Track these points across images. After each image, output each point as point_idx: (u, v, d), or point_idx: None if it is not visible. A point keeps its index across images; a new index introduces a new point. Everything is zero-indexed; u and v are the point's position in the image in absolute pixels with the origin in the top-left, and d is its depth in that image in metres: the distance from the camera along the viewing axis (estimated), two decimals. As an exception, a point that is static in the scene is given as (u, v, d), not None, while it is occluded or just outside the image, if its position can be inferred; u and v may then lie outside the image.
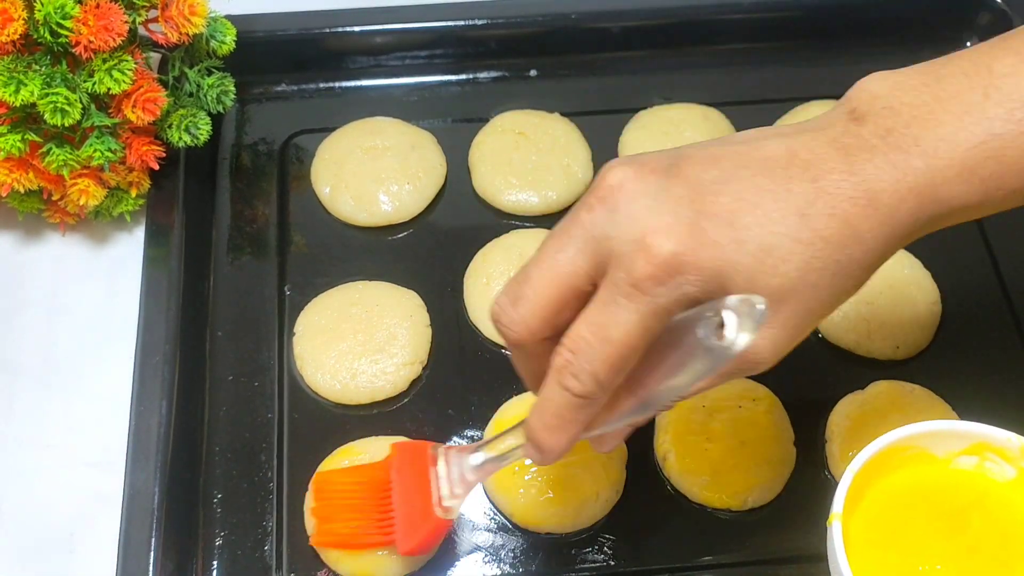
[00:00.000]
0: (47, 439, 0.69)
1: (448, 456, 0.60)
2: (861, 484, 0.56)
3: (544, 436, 0.50)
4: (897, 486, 0.57)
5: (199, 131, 0.73)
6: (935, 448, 0.58)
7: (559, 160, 0.79)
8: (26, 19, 0.65)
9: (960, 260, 0.77)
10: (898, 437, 0.56)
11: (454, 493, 0.59)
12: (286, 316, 0.73)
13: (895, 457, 0.57)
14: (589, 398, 0.47)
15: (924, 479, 0.58)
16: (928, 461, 0.58)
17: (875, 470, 0.56)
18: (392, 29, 0.84)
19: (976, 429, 0.57)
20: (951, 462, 0.58)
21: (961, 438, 0.57)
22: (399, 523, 0.60)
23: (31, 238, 0.77)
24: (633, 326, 0.45)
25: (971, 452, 0.57)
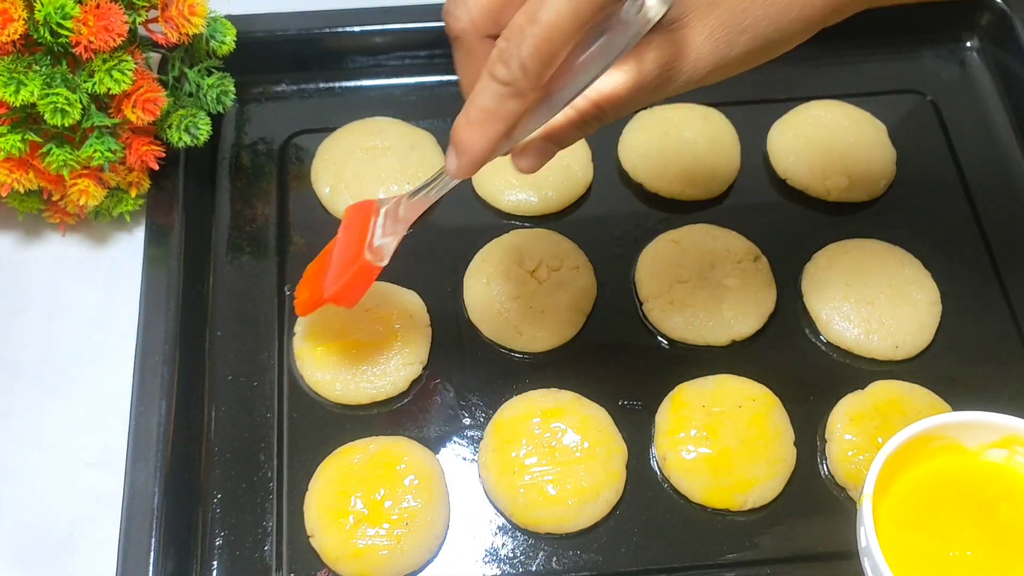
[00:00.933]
0: (47, 439, 0.69)
1: (387, 203, 0.62)
2: (892, 470, 0.56)
3: (467, 133, 0.49)
4: (927, 475, 0.57)
5: (199, 131, 0.73)
6: (966, 440, 0.58)
7: (559, 160, 0.78)
8: (26, 19, 0.65)
9: (960, 260, 0.77)
10: (931, 425, 0.56)
11: (386, 233, 0.61)
12: (286, 316, 0.73)
13: (926, 446, 0.57)
14: (514, 86, 0.46)
15: (954, 469, 0.58)
16: (958, 452, 0.58)
17: (906, 457, 0.56)
18: (392, 29, 0.84)
19: (1008, 422, 0.57)
20: (981, 454, 0.58)
21: (993, 430, 0.57)
22: (331, 272, 0.62)
23: (31, 238, 0.77)
24: (564, 6, 0.44)
25: (1002, 445, 0.57)
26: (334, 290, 0.62)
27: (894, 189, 0.80)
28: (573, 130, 0.52)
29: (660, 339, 0.73)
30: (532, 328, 0.72)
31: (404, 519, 0.64)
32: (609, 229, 0.78)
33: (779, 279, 0.75)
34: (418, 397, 0.70)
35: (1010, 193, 0.81)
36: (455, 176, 0.53)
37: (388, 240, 0.62)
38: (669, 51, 0.47)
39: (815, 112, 0.82)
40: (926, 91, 0.85)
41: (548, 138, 0.53)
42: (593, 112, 0.51)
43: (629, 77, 0.49)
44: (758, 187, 0.81)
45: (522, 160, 0.54)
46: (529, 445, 0.66)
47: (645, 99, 0.50)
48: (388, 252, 0.62)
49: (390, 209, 0.62)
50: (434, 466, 0.67)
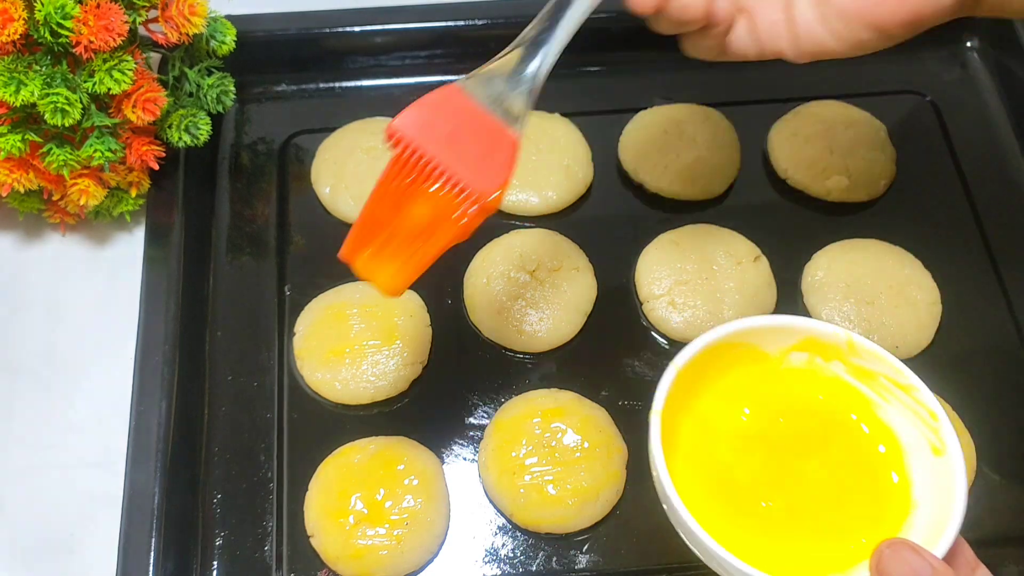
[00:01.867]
0: (47, 439, 0.69)
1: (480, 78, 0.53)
2: (691, 383, 0.55)
3: None
4: (732, 388, 0.57)
5: (199, 131, 0.73)
6: (767, 346, 0.57)
7: (559, 160, 0.79)
8: (26, 19, 0.65)
9: (960, 260, 0.77)
10: (727, 332, 0.55)
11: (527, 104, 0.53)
12: (286, 316, 0.73)
13: (726, 355, 0.56)
14: None
15: (757, 380, 0.57)
16: (760, 359, 0.57)
17: (706, 367, 0.55)
18: (392, 29, 0.84)
19: (802, 324, 0.56)
20: (783, 360, 0.57)
21: (790, 334, 0.56)
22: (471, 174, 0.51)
23: (31, 238, 0.77)
24: None
25: (801, 348, 0.57)
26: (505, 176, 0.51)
27: (894, 189, 0.80)
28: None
29: (660, 339, 0.73)
30: (532, 328, 0.72)
31: (404, 519, 0.64)
32: (609, 229, 0.78)
33: (779, 279, 0.75)
34: (418, 397, 0.70)
35: (1010, 193, 0.81)
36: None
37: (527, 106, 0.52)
38: None
39: (815, 112, 0.82)
40: (926, 91, 0.85)
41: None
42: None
43: None
44: (758, 187, 0.81)
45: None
46: (529, 445, 0.66)
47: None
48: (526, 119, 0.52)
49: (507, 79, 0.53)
50: (434, 466, 0.67)
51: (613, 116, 0.83)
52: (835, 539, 0.52)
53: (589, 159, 0.80)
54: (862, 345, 0.55)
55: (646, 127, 0.81)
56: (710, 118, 0.82)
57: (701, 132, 0.81)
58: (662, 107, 0.83)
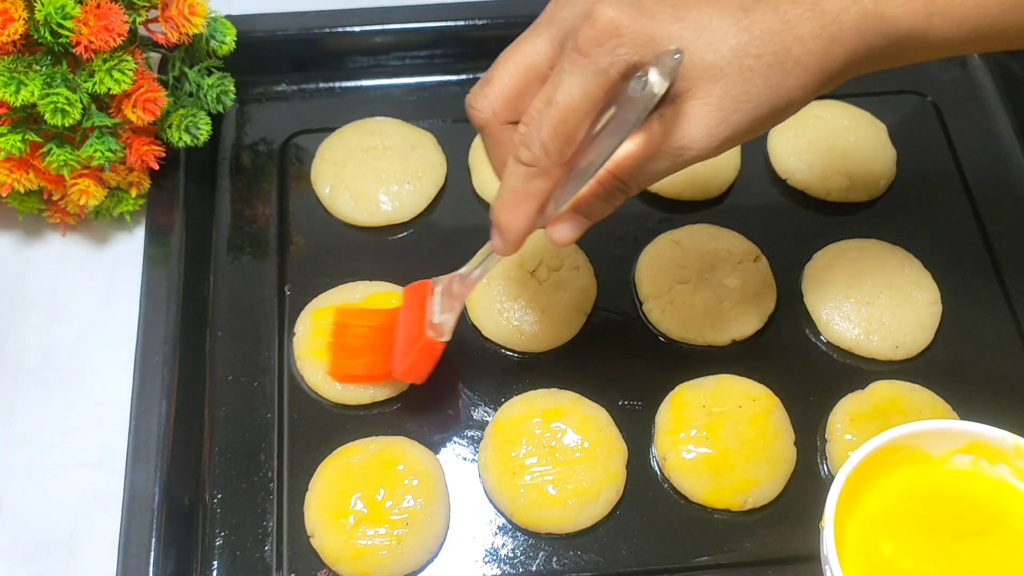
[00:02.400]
0: (47, 439, 0.69)
1: (439, 282, 0.66)
2: (856, 485, 0.56)
3: (503, 215, 0.53)
4: (893, 487, 0.57)
5: (199, 131, 0.73)
6: (930, 448, 0.58)
7: (559, 160, 0.79)
8: (26, 19, 0.65)
9: (960, 260, 0.77)
10: (891, 438, 0.56)
11: (444, 309, 0.64)
12: (286, 316, 0.73)
13: (890, 457, 0.57)
14: (538, 165, 0.50)
15: (919, 480, 0.58)
16: (923, 461, 0.58)
17: (870, 471, 0.56)
18: (392, 29, 0.84)
19: (970, 428, 0.57)
20: (946, 462, 0.58)
21: (955, 437, 0.57)
22: (397, 351, 0.66)
23: (31, 238, 0.77)
24: (576, 90, 0.48)
25: (966, 451, 0.57)
26: (402, 368, 0.66)
27: (894, 189, 0.80)
28: (599, 201, 0.55)
29: (660, 339, 0.73)
30: (532, 328, 0.72)
31: (404, 519, 0.64)
32: (609, 229, 0.78)
33: (779, 279, 0.75)
34: (418, 397, 0.70)
35: (1010, 193, 0.81)
36: (502, 254, 0.57)
37: (447, 317, 0.65)
38: (677, 122, 0.50)
39: (815, 112, 0.82)
40: (926, 91, 0.85)
41: (577, 210, 0.56)
42: (613, 183, 0.54)
43: (641, 148, 0.51)
44: (758, 187, 0.81)
45: (556, 232, 0.56)
46: (529, 445, 0.66)
47: (662, 169, 0.52)
48: (448, 328, 0.65)
49: (445, 287, 0.65)
50: (434, 466, 0.67)
51: (613, 116, 0.83)
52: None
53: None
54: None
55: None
56: (710, 118, 0.82)
57: (701, 132, 0.81)
58: (662, 107, 0.83)
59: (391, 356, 0.67)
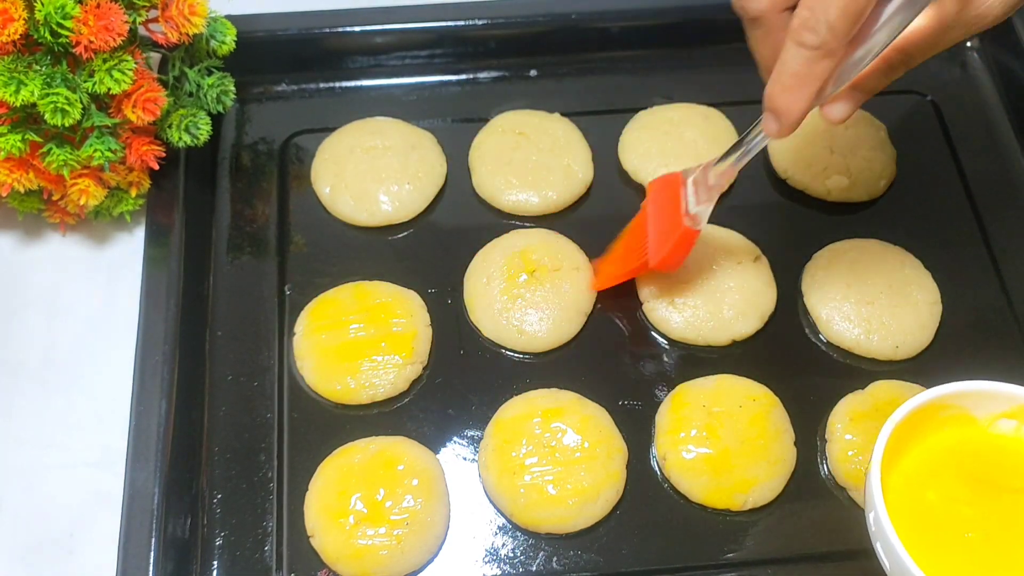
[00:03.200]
0: (47, 439, 0.69)
1: (693, 172, 0.67)
2: (900, 441, 0.56)
3: (783, 99, 0.53)
4: (937, 446, 0.58)
5: (199, 131, 0.73)
6: (975, 410, 0.58)
7: (559, 160, 0.79)
8: (26, 19, 0.65)
9: (960, 260, 0.77)
10: (940, 394, 0.56)
11: (700, 200, 0.65)
12: (286, 316, 0.73)
13: (934, 417, 0.57)
14: (824, 49, 0.50)
15: (963, 440, 0.58)
16: (967, 423, 0.58)
17: (914, 428, 0.56)
18: (392, 29, 0.84)
19: (1018, 392, 0.57)
20: (990, 425, 0.58)
21: (1002, 400, 0.57)
22: (651, 243, 0.68)
23: (31, 238, 0.77)
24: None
25: (1011, 416, 0.57)
26: (659, 258, 0.68)
27: (894, 189, 0.80)
28: (879, 76, 0.56)
29: (660, 339, 0.73)
30: (532, 328, 0.72)
31: (404, 519, 0.64)
32: (609, 229, 0.78)
33: (779, 279, 0.75)
34: (418, 397, 0.70)
35: (1010, 193, 0.81)
36: (777, 137, 0.57)
37: (703, 208, 0.66)
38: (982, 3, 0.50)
39: (815, 112, 0.82)
40: (926, 91, 0.85)
41: (856, 87, 0.56)
42: (899, 58, 0.55)
43: (933, 21, 0.52)
44: (758, 187, 0.81)
45: (833, 111, 0.57)
46: (529, 445, 0.66)
47: (952, 39, 0.53)
48: (704, 218, 0.67)
49: (698, 178, 0.66)
50: (434, 466, 0.67)
51: (613, 116, 0.83)
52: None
53: (589, 159, 0.80)
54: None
55: (646, 127, 0.81)
56: (710, 118, 0.82)
57: (701, 132, 0.81)
58: (662, 107, 0.83)
59: (644, 251, 0.69)
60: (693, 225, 0.66)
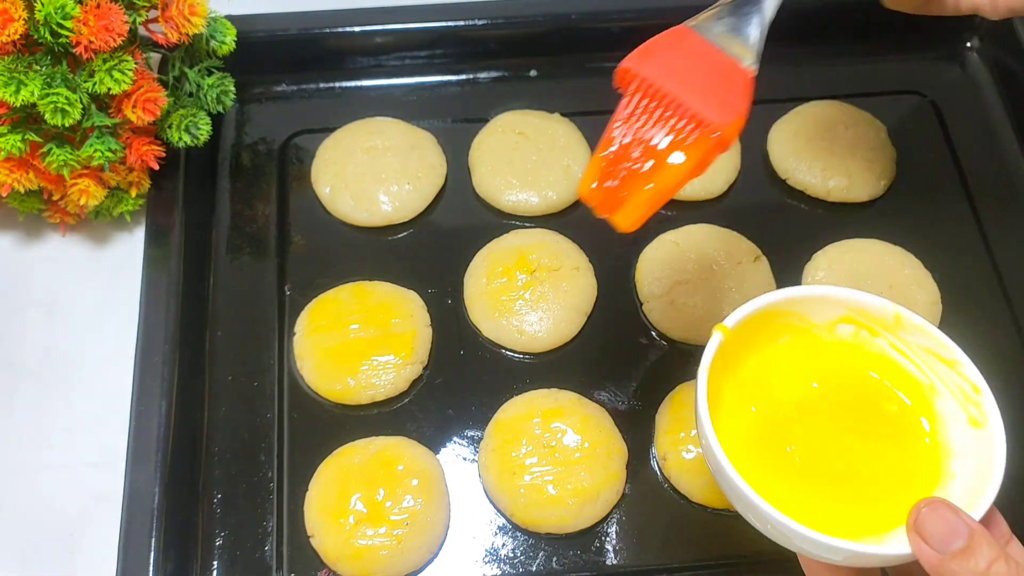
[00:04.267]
0: (47, 439, 0.69)
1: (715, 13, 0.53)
2: (738, 347, 0.55)
3: None
4: (775, 353, 0.57)
5: (199, 131, 0.73)
6: (814, 316, 0.57)
7: (559, 160, 0.79)
8: (26, 19, 0.65)
9: (960, 260, 0.77)
10: (774, 300, 0.55)
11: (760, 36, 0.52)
12: (286, 316, 0.73)
13: (773, 323, 0.56)
14: None
15: (801, 346, 0.57)
16: (806, 329, 0.57)
17: (753, 335, 0.56)
18: (392, 29, 0.84)
19: (850, 295, 0.56)
20: (829, 331, 0.57)
21: (838, 305, 0.57)
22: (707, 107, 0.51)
23: (31, 238, 0.77)
24: None
25: (848, 320, 0.57)
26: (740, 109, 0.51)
27: (894, 189, 0.80)
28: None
29: (660, 339, 0.73)
30: (532, 328, 0.72)
31: (404, 519, 0.64)
32: (609, 229, 0.77)
33: (779, 279, 0.75)
34: (418, 397, 0.70)
35: (1010, 193, 0.81)
36: None
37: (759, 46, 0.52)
38: None
39: (815, 112, 0.82)
40: (926, 91, 0.85)
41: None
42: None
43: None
44: (758, 187, 0.81)
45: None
46: (529, 445, 0.66)
47: None
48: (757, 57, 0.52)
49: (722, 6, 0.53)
50: (434, 466, 0.67)
51: (613, 116, 0.83)
52: (871, 503, 0.53)
53: (589, 159, 0.80)
54: (909, 319, 0.56)
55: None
56: (710, 118, 0.82)
57: (701, 132, 0.81)
58: (662, 107, 0.83)
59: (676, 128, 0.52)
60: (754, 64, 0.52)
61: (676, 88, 0.51)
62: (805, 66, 0.86)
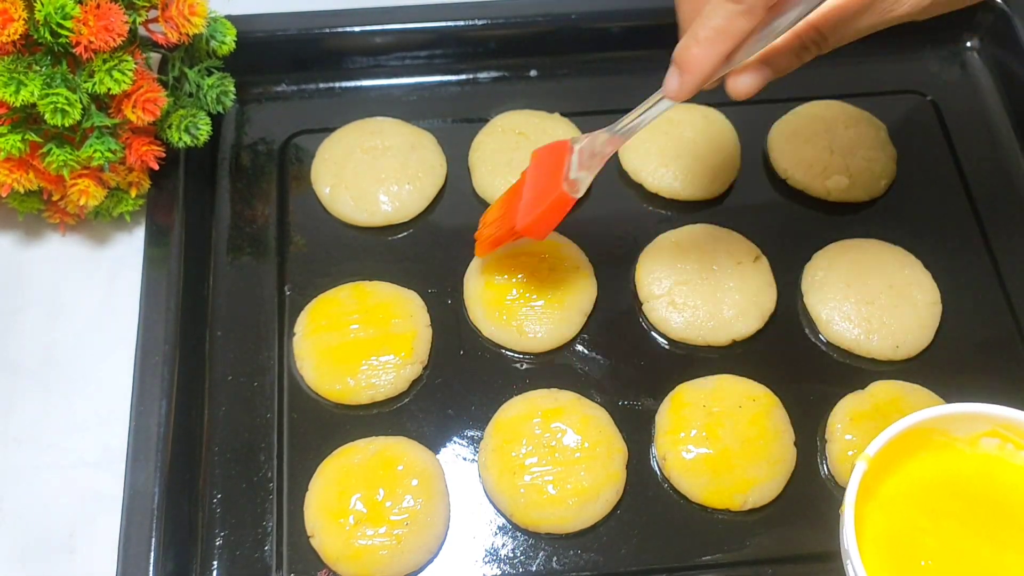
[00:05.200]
0: (47, 439, 0.69)
1: (578, 140, 0.65)
2: (880, 469, 0.55)
3: (693, 52, 0.52)
4: (918, 470, 0.57)
5: (199, 131, 0.73)
6: (956, 431, 0.57)
7: (559, 160, 0.79)
8: (26, 19, 0.65)
9: (960, 260, 0.77)
10: (917, 420, 0.56)
11: (582, 167, 0.64)
12: (286, 316, 0.73)
13: (914, 441, 0.56)
14: (746, 4, 0.50)
15: (945, 464, 0.57)
16: (949, 444, 0.58)
17: (894, 455, 0.56)
18: (392, 29, 0.84)
19: (996, 411, 0.57)
20: (974, 445, 0.57)
21: (982, 421, 0.57)
22: (523, 207, 0.65)
23: (31, 238, 0.77)
24: None
25: (992, 435, 0.57)
26: (527, 222, 0.65)
27: (894, 189, 0.80)
28: (791, 56, 0.56)
29: (660, 339, 0.73)
30: (532, 328, 0.72)
31: (404, 519, 0.64)
32: (609, 229, 0.78)
33: (779, 279, 0.75)
34: (418, 397, 0.70)
35: (1010, 193, 0.81)
36: (676, 97, 0.56)
37: (583, 174, 0.64)
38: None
39: (815, 112, 0.82)
40: (926, 91, 0.85)
41: (765, 62, 0.56)
42: (812, 35, 0.54)
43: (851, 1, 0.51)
44: (758, 187, 0.81)
45: (738, 82, 0.56)
46: (529, 445, 0.66)
47: (867, 26, 0.53)
48: (583, 186, 0.64)
49: (585, 146, 0.65)
50: (434, 466, 0.67)
51: (613, 116, 0.82)
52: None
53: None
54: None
55: (646, 127, 0.81)
56: (710, 118, 0.82)
57: (701, 132, 0.81)
58: (662, 107, 0.83)
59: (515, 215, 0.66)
60: (571, 191, 0.64)
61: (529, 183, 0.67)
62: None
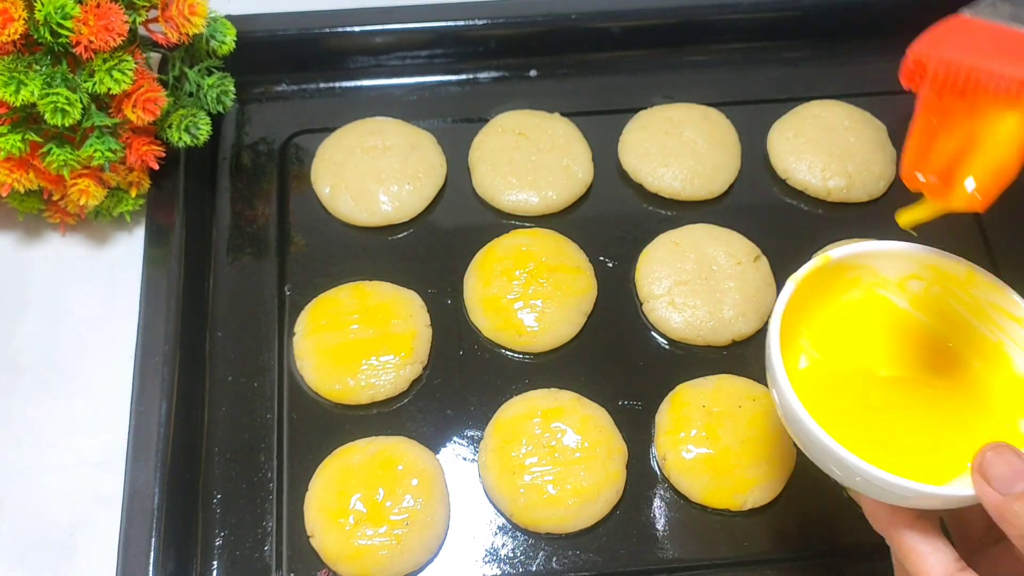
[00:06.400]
0: (47, 439, 0.69)
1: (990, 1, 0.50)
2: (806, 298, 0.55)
3: None
4: (845, 305, 0.57)
5: (199, 131, 0.73)
6: (886, 270, 0.57)
7: (559, 160, 0.79)
8: (26, 19, 0.65)
9: (960, 260, 0.77)
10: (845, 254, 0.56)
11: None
12: (286, 316, 0.73)
13: (843, 276, 0.57)
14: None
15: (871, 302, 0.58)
16: (878, 285, 0.58)
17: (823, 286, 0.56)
18: (392, 29, 0.84)
19: (924, 251, 0.57)
20: (902, 287, 0.58)
21: (910, 260, 0.57)
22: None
23: (31, 238, 0.77)
24: None
25: (920, 276, 0.58)
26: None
27: (894, 189, 0.80)
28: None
29: (660, 339, 0.73)
30: (532, 328, 0.72)
31: (404, 519, 0.64)
32: (609, 229, 0.78)
33: (779, 279, 0.75)
34: (418, 397, 0.71)
35: (1010, 193, 0.81)
36: None
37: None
38: None
39: (815, 112, 0.82)
40: (926, 91, 0.85)
41: None
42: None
43: None
44: (758, 187, 0.81)
45: None
46: (529, 445, 0.66)
47: None
48: None
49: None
50: (434, 466, 0.67)
51: (613, 116, 0.83)
52: (936, 454, 0.53)
53: (589, 159, 0.80)
54: (980, 277, 0.56)
55: (646, 127, 0.81)
56: (710, 118, 0.82)
57: (701, 132, 0.81)
58: (662, 107, 0.83)
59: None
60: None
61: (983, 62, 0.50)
62: (805, 66, 0.86)
